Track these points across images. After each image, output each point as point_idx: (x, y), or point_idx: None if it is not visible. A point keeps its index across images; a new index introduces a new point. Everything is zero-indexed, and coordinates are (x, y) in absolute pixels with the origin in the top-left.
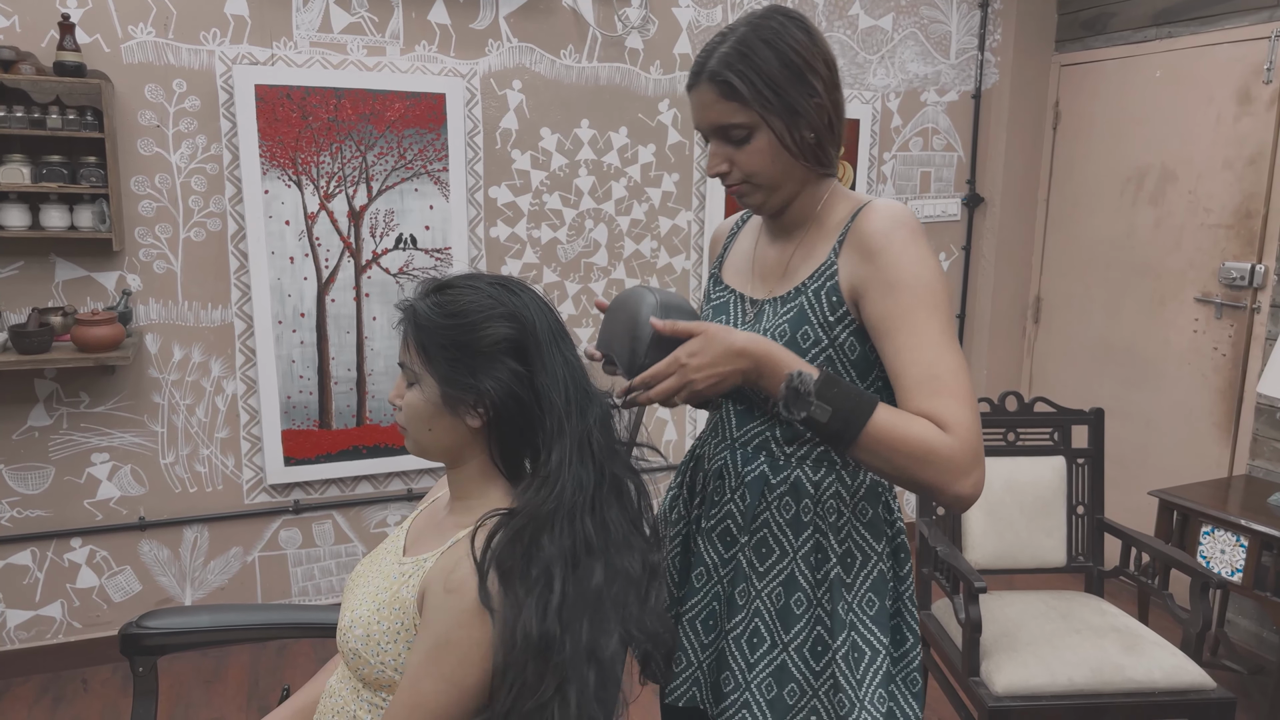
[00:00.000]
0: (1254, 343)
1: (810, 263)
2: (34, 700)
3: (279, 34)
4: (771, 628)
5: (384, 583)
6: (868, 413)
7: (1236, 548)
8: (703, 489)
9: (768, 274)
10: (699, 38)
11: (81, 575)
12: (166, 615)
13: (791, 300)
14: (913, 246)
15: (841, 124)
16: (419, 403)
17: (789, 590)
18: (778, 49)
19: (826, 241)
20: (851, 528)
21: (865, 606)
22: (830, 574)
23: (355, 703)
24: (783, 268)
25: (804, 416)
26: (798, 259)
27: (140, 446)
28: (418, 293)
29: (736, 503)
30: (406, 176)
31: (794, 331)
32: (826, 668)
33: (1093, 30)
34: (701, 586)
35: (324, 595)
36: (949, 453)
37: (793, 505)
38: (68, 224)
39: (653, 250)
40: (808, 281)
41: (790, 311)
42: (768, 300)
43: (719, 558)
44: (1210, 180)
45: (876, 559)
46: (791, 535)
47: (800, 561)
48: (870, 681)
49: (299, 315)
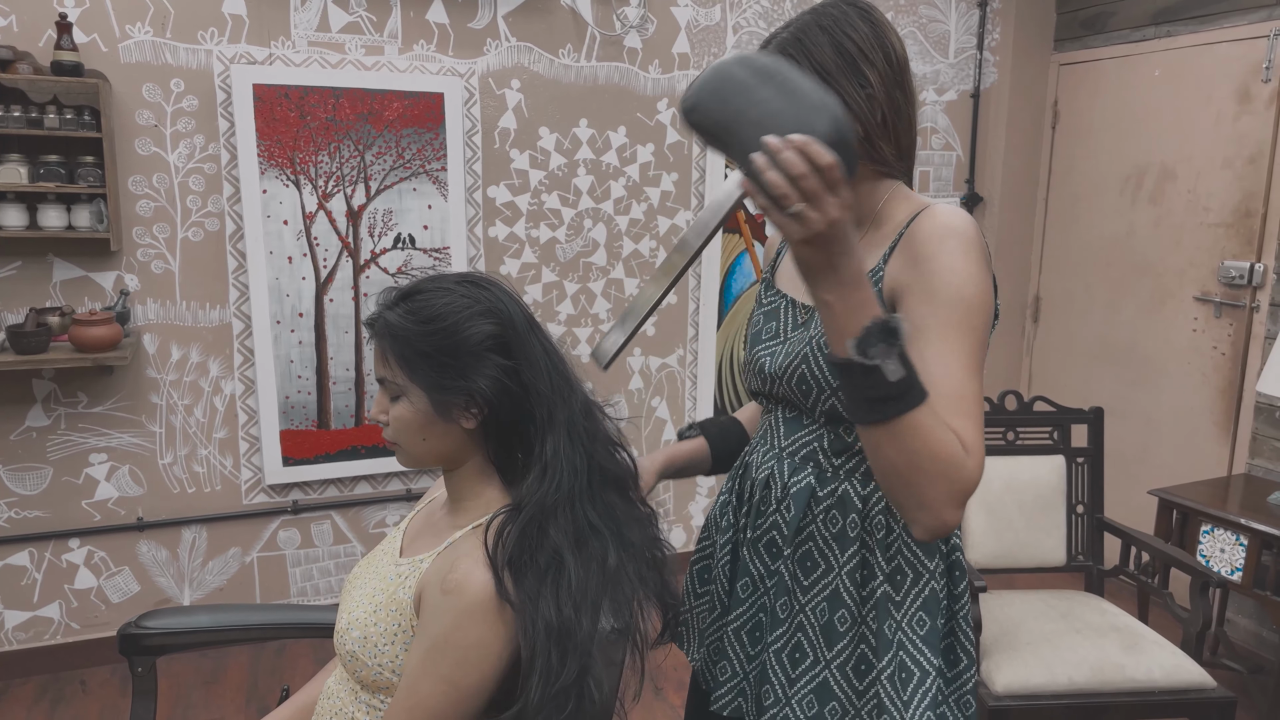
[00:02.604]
0: (1253, 341)
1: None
2: (33, 701)
3: (277, 33)
4: (815, 644)
5: (381, 584)
6: (923, 396)
7: (1236, 547)
8: (750, 498)
9: None
10: (697, 37)
11: (80, 576)
12: (165, 615)
13: None
14: (962, 258)
15: (904, 124)
16: (408, 415)
17: (833, 607)
18: (834, 36)
19: (882, 245)
20: (902, 544)
21: (915, 626)
22: (877, 592)
23: (353, 704)
24: None
25: (874, 363)
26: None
27: (138, 447)
28: (383, 304)
29: (782, 514)
30: (405, 176)
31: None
32: (870, 687)
33: (1092, 29)
34: (746, 597)
35: (323, 596)
36: (964, 474)
37: (839, 519)
38: (65, 224)
39: (651, 250)
40: None
41: None
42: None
43: (764, 569)
44: (1209, 179)
45: (929, 577)
46: (837, 550)
47: (845, 578)
48: (918, 704)
49: (297, 315)
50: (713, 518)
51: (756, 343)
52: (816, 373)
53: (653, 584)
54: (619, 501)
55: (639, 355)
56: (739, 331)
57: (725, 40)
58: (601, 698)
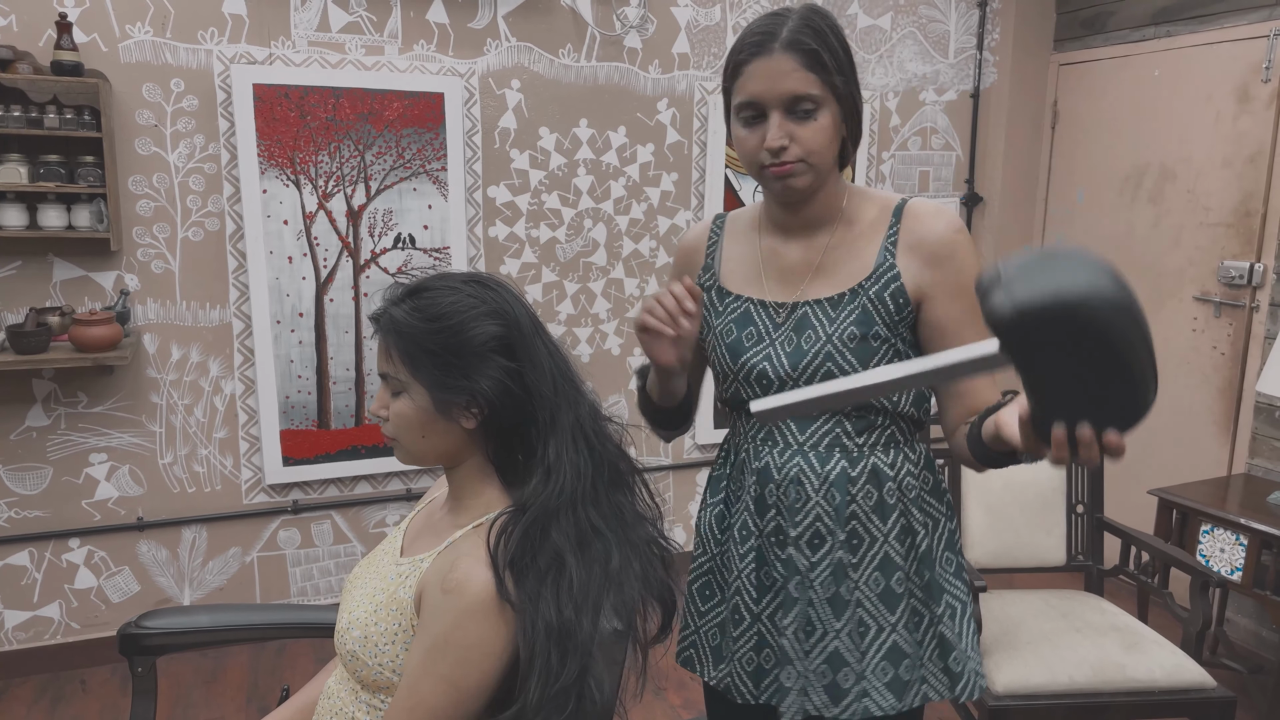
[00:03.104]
0: (1253, 341)
1: (858, 262)
2: (32, 701)
3: (277, 33)
4: (875, 613)
5: (381, 584)
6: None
7: (1236, 546)
8: (777, 499)
9: (788, 275)
10: (697, 37)
11: (80, 576)
12: (165, 615)
13: (849, 302)
14: (972, 251)
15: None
16: (409, 411)
17: (887, 573)
18: (837, 33)
19: (870, 241)
20: (921, 497)
21: (947, 566)
22: (920, 546)
23: (354, 704)
24: (810, 268)
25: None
26: (837, 258)
27: (138, 447)
28: (389, 299)
29: (823, 505)
30: (405, 176)
31: (864, 332)
32: (928, 632)
33: (1091, 29)
34: (799, 596)
35: (323, 595)
36: None
37: (875, 492)
38: (65, 224)
39: (651, 250)
40: (866, 283)
41: (853, 312)
42: (806, 303)
43: (809, 562)
44: (1209, 179)
45: (944, 519)
46: (879, 521)
47: (893, 543)
48: (968, 633)
49: (297, 315)
50: (708, 532)
51: (739, 350)
52: (844, 365)
53: (655, 584)
54: (626, 502)
55: (639, 355)
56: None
57: (726, 40)
58: (603, 698)
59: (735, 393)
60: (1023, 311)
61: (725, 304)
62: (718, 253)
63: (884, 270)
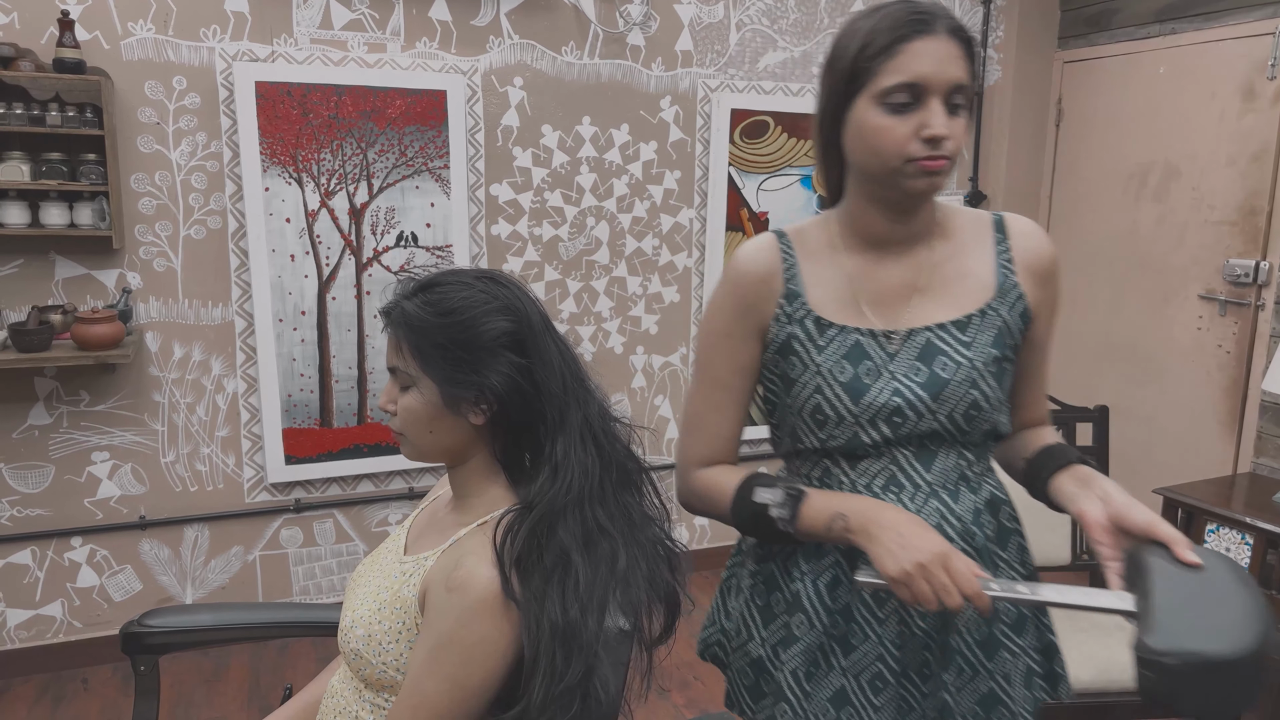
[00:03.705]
0: (1258, 340)
1: (973, 281)
2: (34, 700)
3: (279, 31)
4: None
5: (385, 582)
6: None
7: (1241, 546)
8: None
9: (887, 298)
10: (700, 34)
11: (82, 574)
12: (168, 614)
13: (979, 324)
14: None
15: None
16: (417, 406)
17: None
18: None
19: (976, 258)
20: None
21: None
22: (1029, 564)
23: (357, 703)
24: (913, 289)
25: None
26: (944, 276)
27: (141, 445)
28: (401, 293)
29: (965, 549)
30: (407, 174)
31: (1000, 354)
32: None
33: (1096, 26)
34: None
35: (325, 594)
36: None
37: (994, 520)
38: (67, 221)
39: (654, 248)
40: (995, 303)
41: (988, 334)
42: (928, 328)
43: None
44: (1214, 177)
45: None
46: (999, 547)
47: (1015, 566)
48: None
49: (300, 313)
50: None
51: (860, 389)
52: (987, 391)
53: (662, 584)
54: (633, 502)
55: (641, 354)
56: None
57: (729, 37)
58: (608, 698)
59: (852, 438)
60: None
61: (827, 337)
62: (798, 277)
63: (1008, 289)
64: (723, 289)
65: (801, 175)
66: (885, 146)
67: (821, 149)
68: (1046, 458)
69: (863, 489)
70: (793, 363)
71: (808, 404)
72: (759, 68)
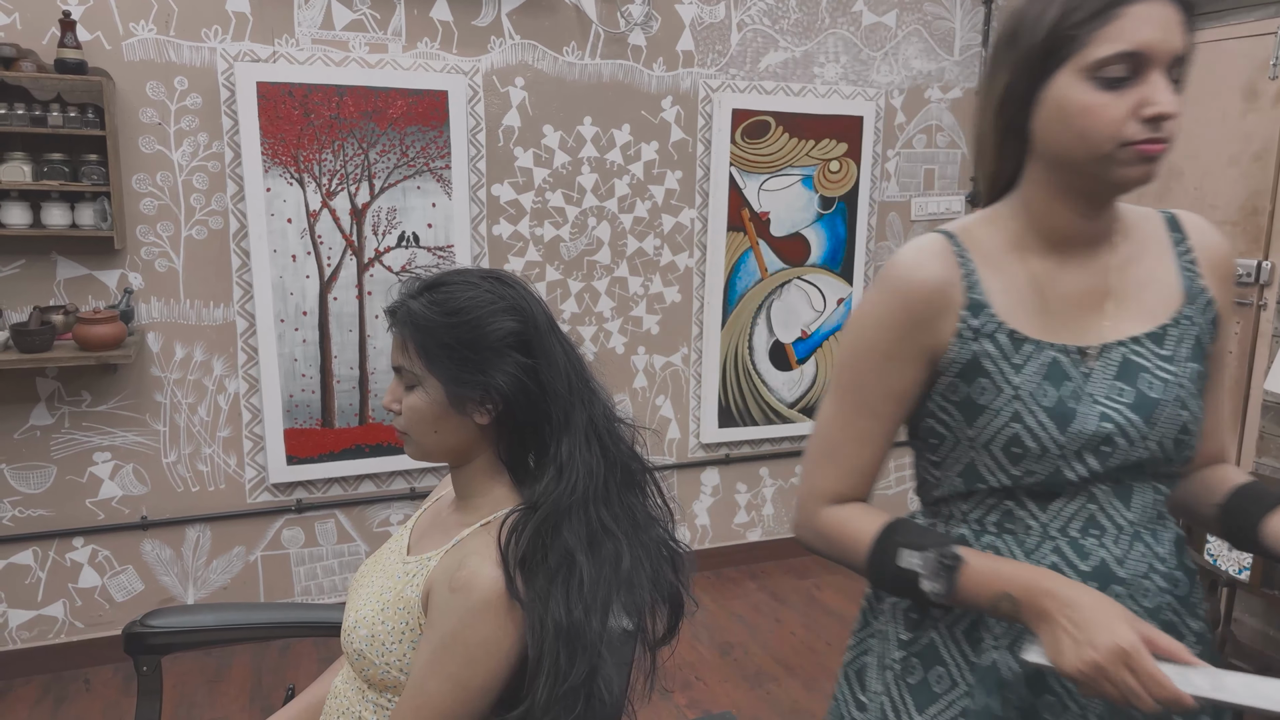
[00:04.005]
0: (1260, 340)
1: (1159, 286)
2: (36, 700)
3: (281, 31)
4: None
5: (388, 582)
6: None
7: None
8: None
9: (1069, 307)
10: (702, 34)
11: (84, 575)
12: (171, 614)
13: (1174, 335)
14: None
15: None
16: (422, 405)
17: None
18: None
19: (1156, 259)
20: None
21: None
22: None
23: (361, 703)
24: (1097, 296)
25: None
26: (1127, 281)
27: (142, 445)
28: (407, 292)
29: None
30: (409, 174)
31: (1202, 366)
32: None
33: None
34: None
35: (326, 595)
36: None
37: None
38: (69, 222)
39: (656, 248)
40: (1187, 310)
41: (1186, 347)
42: (1122, 342)
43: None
44: (1216, 177)
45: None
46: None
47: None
48: None
49: (301, 313)
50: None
51: (1068, 415)
52: (1195, 410)
53: (666, 585)
54: (638, 503)
55: (642, 354)
56: (742, 331)
57: (730, 38)
58: (611, 698)
59: (1053, 474)
60: None
61: (1023, 355)
62: (979, 285)
63: (1196, 294)
64: (883, 301)
65: (803, 175)
66: (1096, 128)
67: (998, 135)
68: (1249, 499)
69: (1056, 534)
70: (982, 386)
71: (1000, 435)
72: (760, 68)
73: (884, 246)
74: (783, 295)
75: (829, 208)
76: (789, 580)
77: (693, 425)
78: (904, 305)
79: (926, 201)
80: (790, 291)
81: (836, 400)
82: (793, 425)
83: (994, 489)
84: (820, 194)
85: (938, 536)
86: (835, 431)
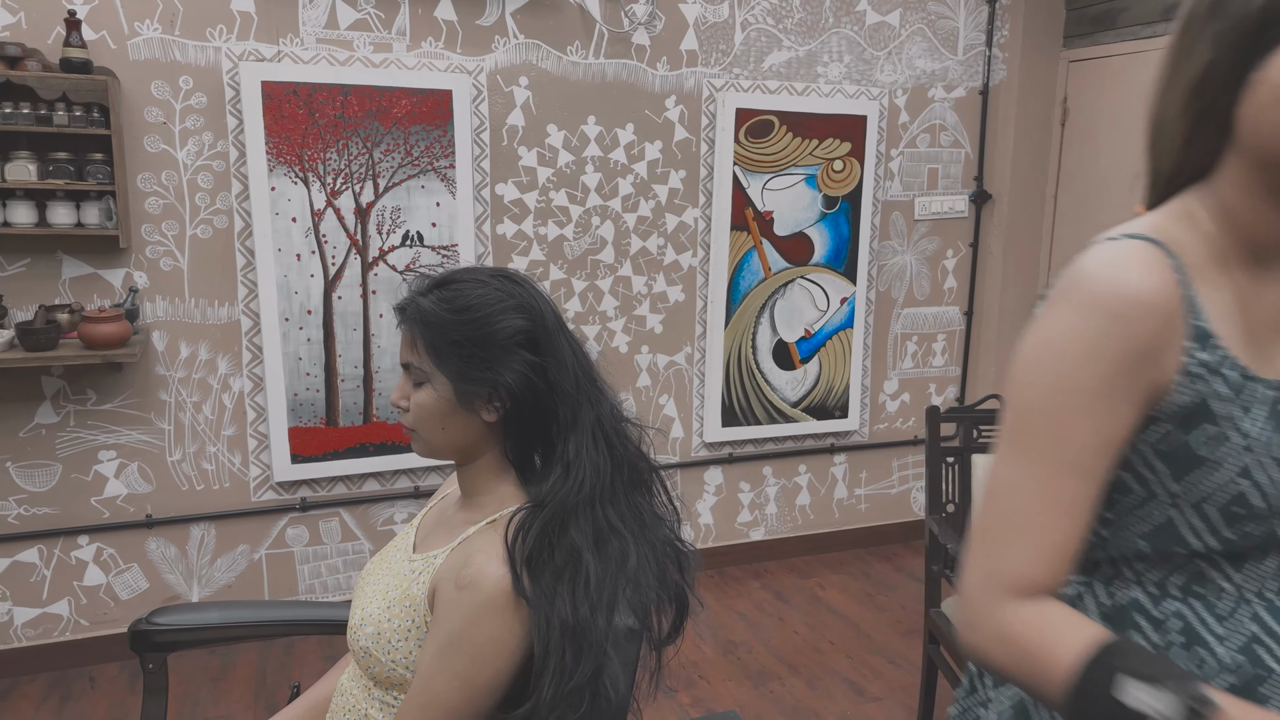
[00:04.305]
0: None
1: None
2: (41, 698)
3: (285, 31)
4: None
5: (394, 580)
6: None
7: None
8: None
9: (1268, 331)
10: (705, 34)
11: (89, 573)
12: (176, 612)
13: None
14: None
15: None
16: (430, 402)
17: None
18: None
19: None
20: None
21: None
22: None
23: (367, 701)
24: None
25: None
26: None
27: (147, 444)
28: (417, 290)
29: None
30: (413, 173)
31: None
32: None
33: (1102, 25)
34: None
35: (331, 593)
36: None
37: None
38: (74, 221)
39: (659, 247)
40: None
41: None
42: None
43: None
44: None
45: None
46: None
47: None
48: None
49: (306, 312)
50: None
51: None
52: None
53: (671, 584)
54: (644, 503)
55: (646, 353)
56: (746, 331)
57: (734, 37)
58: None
59: (1267, 535)
60: None
61: (1249, 395)
62: (1199, 308)
63: None
64: (1091, 326)
65: (806, 175)
66: None
67: (1189, 123)
68: None
69: (1253, 597)
70: (1205, 434)
71: (1221, 492)
72: (764, 67)
73: (887, 245)
74: (786, 294)
75: (832, 207)
76: (792, 579)
77: (696, 424)
78: (1124, 332)
79: (930, 201)
80: (794, 291)
81: (1022, 455)
82: (796, 424)
83: (1189, 553)
84: (824, 193)
85: (1171, 666)
86: (1026, 498)
